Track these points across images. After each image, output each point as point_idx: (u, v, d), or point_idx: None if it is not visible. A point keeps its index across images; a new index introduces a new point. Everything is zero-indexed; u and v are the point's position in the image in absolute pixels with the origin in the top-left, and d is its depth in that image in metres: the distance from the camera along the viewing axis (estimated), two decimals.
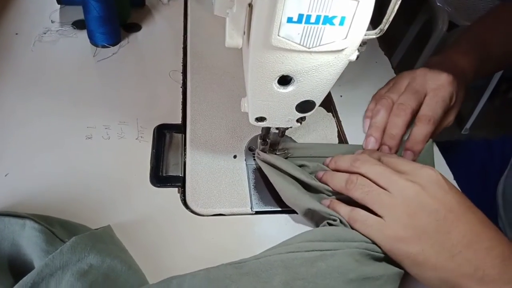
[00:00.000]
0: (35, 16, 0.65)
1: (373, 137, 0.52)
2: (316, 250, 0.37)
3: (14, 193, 0.44)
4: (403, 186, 0.38)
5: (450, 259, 0.35)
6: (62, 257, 0.34)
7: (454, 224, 0.36)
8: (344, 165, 0.44)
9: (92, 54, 0.60)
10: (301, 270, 0.35)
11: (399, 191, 0.38)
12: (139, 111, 0.53)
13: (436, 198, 0.37)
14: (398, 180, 0.39)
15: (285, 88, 0.37)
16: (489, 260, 0.35)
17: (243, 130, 0.53)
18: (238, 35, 0.34)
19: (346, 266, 0.36)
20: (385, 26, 0.35)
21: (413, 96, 0.52)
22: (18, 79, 0.56)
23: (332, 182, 0.44)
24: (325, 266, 0.36)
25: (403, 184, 0.38)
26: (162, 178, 0.47)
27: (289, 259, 0.36)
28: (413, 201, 0.37)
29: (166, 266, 0.40)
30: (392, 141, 0.51)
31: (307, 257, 0.36)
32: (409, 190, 0.38)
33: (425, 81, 0.53)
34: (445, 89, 0.52)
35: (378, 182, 0.40)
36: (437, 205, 0.37)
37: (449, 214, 0.37)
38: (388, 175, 0.40)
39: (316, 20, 0.29)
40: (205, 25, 0.68)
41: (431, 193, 0.38)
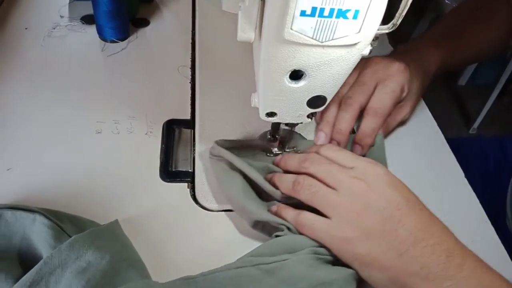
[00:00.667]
0: (44, 11, 0.65)
1: (323, 132, 0.50)
2: (264, 264, 0.35)
3: (24, 187, 0.44)
4: (350, 184, 0.37)
5: (398, 258, 0.34)
6: (61, 255, 0.34)
7: (401, 222, 0.35)
8: (293, 165, 0.42)
9: (101, 49, 0.61)
10: (249, 286, 0.34)
11: (346, 189, 0.37)
12: (148, 106, 0.53)
13: (382, 196, 0.36)
14: (344, 178, 0.38)
15: (297, 83, 0.36)
16: (435, 257, 0.34)
17: (252, 126, 0.53)
18: (250, 29, 0.33)
19: (296, 276, 0.35)
20: (398, 21, 0.34)
21: (360, 89, 0.50)
22: (28, 73, 0.56)
23: (281, 185, 0.42)
24: (274, 280, 0.35)
25: (349, 182, 0.37)
26: (172, 173, 0.47)
27: (237, 276, 0.35)
28: (360, 199, 0.36)
29: (175, 260, 0.40)
30: (340, 136, 0.49)
31: (255, 274, 0.35)
32: (355, 187, 0.37)
33: (375, 71, 0.51)
34: (394, 79, 0.50)
35: (325, 181, 0.38)
36: (383, 203, 0.36)
37: (396, 212, 0.35)
38: (335, 173, 0.38)
39: (329, 14, 0.29)
40: (213, 21, 0.68)
41: (377, 190, 0.37)
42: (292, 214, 0.40)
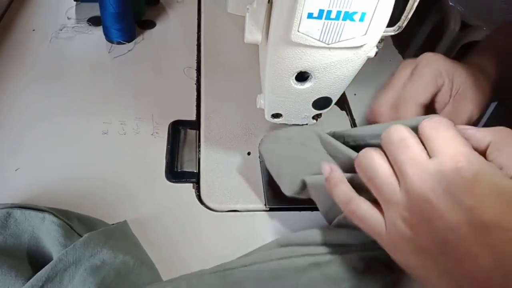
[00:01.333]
0: (51, 13, 0.66)
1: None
2: (310, 255, 0.34)
3: (32, 187, 0.44)
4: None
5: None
6: (75, 253, 0.34)
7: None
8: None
9: (107, 50, 0.61)
10: (292, 280, 0.33)
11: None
12: (154, 107, 0.54)
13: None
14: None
15: (303, 84, 0.37)
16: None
17: (257, 127, 0.53)
18: (257, 31, 0.34)
19: (341, 276, 0.33)
20: (404, 23, 0.35)
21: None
22: (35, 74, 0.56)
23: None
24: (319, 275, 0.33)
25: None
26: (177, 173, 0.48)
27: (279, 269, 0.33)
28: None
29: (180, 261, 0.41)
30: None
31: (299, 265, 0.33)
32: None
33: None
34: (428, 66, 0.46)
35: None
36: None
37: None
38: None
39: (336, 16, 0.29)
40: (219, 23, 0.69)
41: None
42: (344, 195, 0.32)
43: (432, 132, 0.29)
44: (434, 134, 0.28)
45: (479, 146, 0.29)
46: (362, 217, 0.31)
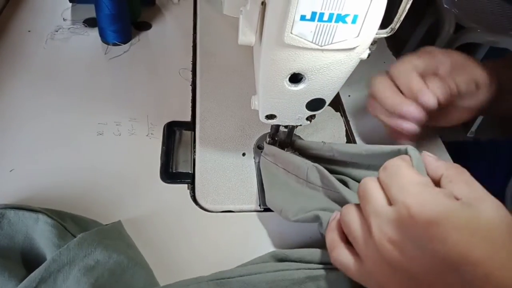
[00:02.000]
0: (47, 14, 0.66)
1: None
2: (306, 269, 0.34)
3: (26, 188, 0.44)
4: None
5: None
6: (69, 253, 0.34)
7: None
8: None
9: (103, 52, 0.61)
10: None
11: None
12: (149, 108, 0.54)
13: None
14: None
15: (296, 86, 0.37)
16: None
17: (252, 128, 0.54)
18: (251, 33, 0.34)
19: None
20: (396, 25, 0.35)
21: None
22: (30, 76, 0.56)
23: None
24: (315, 287, 0.34)
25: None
26: (172, 174, 0.48)
27: (276, 280, 0.34)
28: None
29: (175, 261, 0.41)
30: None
31: (296, 278, 0.34)
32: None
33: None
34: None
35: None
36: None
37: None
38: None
39: (329, 18, 0.30)
40: (214, 24, 0.69)
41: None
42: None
43: (387, 180, 0.30)
44: (389, 182, 0.30)
45: (434, 175, 0.31)
46: (342, 263, 0.32)
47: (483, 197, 0.28)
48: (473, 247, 0.25)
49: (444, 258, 0.26)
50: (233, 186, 0.47)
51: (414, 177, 0.29)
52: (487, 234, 0.26)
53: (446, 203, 0.27)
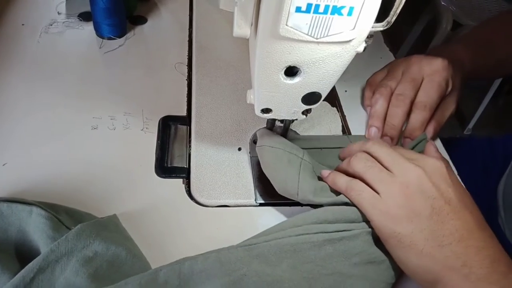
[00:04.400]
0: (41, 8, 0.65)
1: (374, 127, 0.52)
2: (324, 232, 0.37)
3: (20, 182, 0.44)
4: (407, 168, 0.38)
5: (438, 249, 0.35)
6: (68, 244, 0.34)
7: (449, 216, 0.36)
8: (355, 148, 0.44)
9: (98, 46, 0.61)
10: (310, 253, 0.36)
11: (402, 172, 0.38)
12: (144, 103, 0.54)
13: (436, 187, 0.37)
14: (403, 162, 0.38)
15: (292, 79, 0.37)
16: (478, 259, 0.34)
17: (247, 123, 0.53)
18: (246, 25, 0.34)
19: (352, 251, 0.37)
20: (392, 19, 0.35)
21: (410, 85, 0.52)
22: (24, 69, 0.56)
23: (341, 165, 0.43)
24: (332, 249, 0.36)
25: (406, 166, 0.38)
26: (167, 169, 0.47)
27: (298, 243, 0.36)
28: (413, 184, 0.37)
29: (170, 255, 0.40)
30: (393, 131, 0.51)
31: (315, 241, 0.37)
32: (411, 172, 0.37)
33: (420, 67, 0.53)
34: (440, 74, 0.52)
35: (383, 161, 0.39)
36: (436, 193, 0.36)
37: (446, 206, 0.36)
38: (394, 156, 0.39)
39: (324, 10, 0.29)
40: (210, 19, 0.69)
41: (432, 180, 0.37)
42: (344, 179, 0.40)
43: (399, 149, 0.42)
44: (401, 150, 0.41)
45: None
46: (360, 192, 0.38)
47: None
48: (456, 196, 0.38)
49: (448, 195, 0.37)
50: (228, 180, 0.47)
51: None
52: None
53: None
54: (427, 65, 0.53)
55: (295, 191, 0.42)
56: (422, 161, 0.39)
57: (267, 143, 0.45)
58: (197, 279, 0.34)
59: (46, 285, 0.33)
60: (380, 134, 0.52)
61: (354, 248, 0.37)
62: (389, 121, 0.52)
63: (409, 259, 0.36)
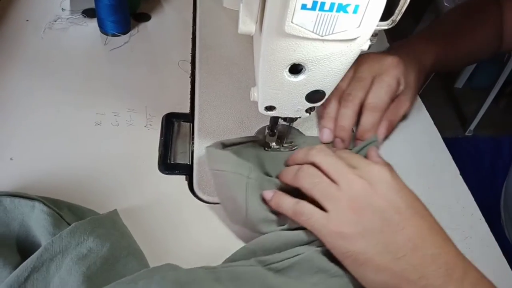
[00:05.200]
0: (46, 4, 0.65)
1: (327, 128, 0.51)
2: (274, 263, 0.36)
3: (25, 177, 0.44)
4: (352, 180, 0.37)
5: (394, 262, 0.34)
6: (62, 242, 0.34)
7: (400, 226, 0.35)
8: (300, 156, 0.42)
9: (102, 42, 0.61)
10: (267, 281, 0.35)
11: (347, 185, 0.37)
12: (148, 100, 0.54)
13: (383, 197, 0.36)
14: (347, 174, 0.37)
15: (296, 76, 0.37)
16: (434, 268, 0.33)
17: (250, 121, 0.53)
18: (251, 22, 0.34)
19: (307, 273, 0.36)
20: (397, 18, 0.35)
21: (358, 85, 0.51)
22: (28, 65, 0.56)
23: (284, 173, 0.42)
24: (286, 277, 0.36)
25: (351, 178, 0.37)
26: (170, 165, 0.48)
27: (253, 271, 0.36)
28: (360, 197, 0.36)
29: (172, 251, 0.41)
30: (343, 132, 0.50)
31: (267, 274, 0.36)
32: (356, 185, 0.36)
33: (371, 66, 0.51)
34: (389, 73, 0.50)
35: (329, 173, 0.38)
36: (384, 204, 0.36)
37: (396, 215, 0.35)
38: (339, 167, 0.38)
39: (330, 8, 0.29)
40: (214, 17, 0.69)
41: (379, 191, 0.36)
42: (290, 202, 0.39)
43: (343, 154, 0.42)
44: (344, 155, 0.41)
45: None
46: (309, 214, 0.37)
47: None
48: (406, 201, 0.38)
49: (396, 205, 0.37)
50: None
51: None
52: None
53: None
54: (377, 64, 0.51)
55: (244, 223, 0.40)
56: (367, 171, 0.38)
57: (212, 165, 0.43)
58: None
59: (41, 284, 0.33)
60: (333, 136, 0.51)
61: (309, 269, 0.36)
62: (339, 123, 0.50)
63: (367, 276, 0.35)
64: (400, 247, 0.34)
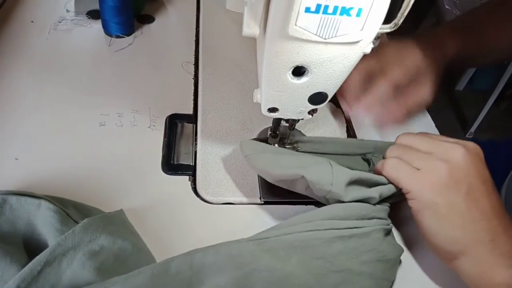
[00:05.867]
0: (50, 5, 0.66)
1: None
2: (335, 229, 0.38)
3: (30, 176, 0.44)
4: (448, 146, 0.39)
5: (471, 223, 0.37)
6: (74, 238, 0.35)
7: (484, 195, 0.38)
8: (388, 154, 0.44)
9: (106, 43, 0.61)
10: (319, 250, 0.37)
11: (443, 150, 0.39)
12: (151, 101, 0.54)
13: (476, 167, 0.39)
14: (443, 143, 0.40)
15: (299, 79, 0.37)
16: (505, 237, 0.37)
17: (253, 122, 0.54)
18: (255, 24, 0.34)
19: (362, 248, 0.37)
20: (400, 21, 0.35)
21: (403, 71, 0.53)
22: (33, 66, 0.57)
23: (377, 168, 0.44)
24: (343, 246, 0.37)
25: (448, 145, 0.40)
26: (173, 166, 0.48)
27: (308, 239, 0.37)
28: (455, 160, 0.38)
29: (175, 250, 0.41)
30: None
31: (325, 237, 0.37)
32: (454, 150, 0.39)
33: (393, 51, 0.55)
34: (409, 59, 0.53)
35: (420, 148, 0.41)
36: (475, 172, 0.38)
37: (482, 186, 0.38)
38: (430, 140, 0.41)
39: (333, 11, 0.30)
40: (217, 19, 0.69)
41: (473, 160, 0.39)
42: (381, 161, 0.42)
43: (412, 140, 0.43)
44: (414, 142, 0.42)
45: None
46: (397, 165, 0.40)
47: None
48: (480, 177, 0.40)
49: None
50: (233, 178, 0.48)
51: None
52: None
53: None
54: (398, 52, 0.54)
55: (330, 181, 0.39)
56: (461, 142, 0.40)
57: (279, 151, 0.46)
58: (208, 271, 0.35)
59: (53, 278, 0.33)
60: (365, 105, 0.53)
61: (364, 245, 0.38)
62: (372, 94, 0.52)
63: (440, 230, 0.38)
64: (480, 212, 0.37)
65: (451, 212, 0.37)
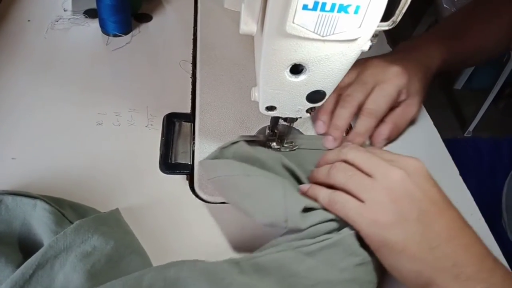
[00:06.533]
0: (47, 4, 0.66)
1: (321, 121, 0.51)
2: (303, 246, 0.37)
3: (27, 176, 0.44)
4: (388, 170, 0.37)
5: (429, 251, 0.34)
6: (66, 239, 0.34)
7: (436, 217, 0.36)
8: (332, 156, 0.43)
9: (103, 42, 0.61)
10: (291, 268, 0.35)
11: (384, 175, 0.37)
12: (149, 100, 0.54)
13: (421, 188, 0.36)
14: (383, 165, 0.38)
15: (297, 77, 0.37)
16: (467, 257, 0.34)
17: (251, 121, 0.54)
18: (252, 22, 0.34)
19: (335, 257, 0.36)
20: (398, 18, 0.35)
21: (360, 88, 0.51)
22: (30, 65, 0.56)
23: (316, 174, 0.43)
24: (314, 261, 0.36)
25: (388, 169, 0.37)
26: (171, 165, 0.48)
27: (279, 259, 0.36)
28: (398, 187, 0.36)
29: (172, 250, 0.41)
30: (336, 131, 0.50)
31: (294, 257, 0.36)
32: (393, 175, 0.37)
33: (375, 73, 0.51)
34: (392, 82, 0.50)
35: (363, 167, 0.38)
36: (421, 195, 0.36)
37: (432, 207, 0.36)
38: (373, 160, 0.38)
39: (331, 8, 0.30)
40: (215, 17, 0.69)
41: (416, 181, 0.37)
42: (326, 192, 0.39)
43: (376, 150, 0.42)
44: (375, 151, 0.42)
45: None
46: (344, 202, 0.38)
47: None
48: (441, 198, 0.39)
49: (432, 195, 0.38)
50: None
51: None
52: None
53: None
54: (381, 72, 0.51)
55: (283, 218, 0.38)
56: (403, 162, 0.38)
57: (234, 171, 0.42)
58: (182, 285, 0.33)
59: (45, 280, 0.33)
60: (327, 128, 0.51)
61: (337, 254, 0.36)
62: (334, 122, 0.50)
63: (402, 265, 0.35)
64: (435, 236, 0.35)
65: (407, 246, 0.35)
